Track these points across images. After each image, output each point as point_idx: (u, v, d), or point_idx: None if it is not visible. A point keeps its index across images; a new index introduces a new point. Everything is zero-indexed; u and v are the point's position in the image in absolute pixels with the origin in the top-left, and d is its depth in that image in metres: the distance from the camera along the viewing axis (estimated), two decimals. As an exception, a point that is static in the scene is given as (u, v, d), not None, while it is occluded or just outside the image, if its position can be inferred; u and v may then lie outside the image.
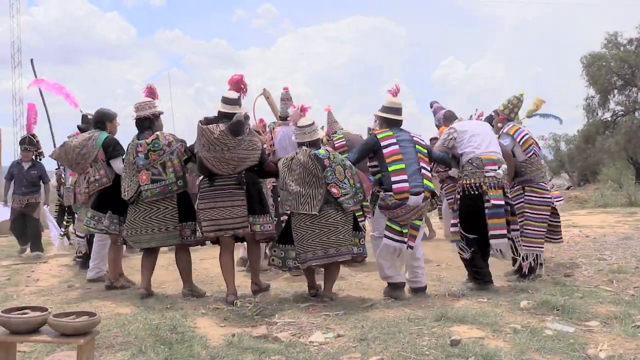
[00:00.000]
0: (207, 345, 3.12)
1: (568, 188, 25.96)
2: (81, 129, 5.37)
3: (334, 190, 4.06)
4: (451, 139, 4.57)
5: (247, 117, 5.23)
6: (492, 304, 3.91)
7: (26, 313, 2.49)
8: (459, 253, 4.51)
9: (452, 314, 3.52)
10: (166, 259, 5.78)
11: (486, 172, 4.34)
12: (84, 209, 4.84)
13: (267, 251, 5.13)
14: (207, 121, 4.23)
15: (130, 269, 5.71)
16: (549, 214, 4.84)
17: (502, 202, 4.36)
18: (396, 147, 4.22)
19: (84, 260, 5.76)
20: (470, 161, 4.42)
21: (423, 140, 4.47)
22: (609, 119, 26.16)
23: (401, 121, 4.45)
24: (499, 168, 4.35)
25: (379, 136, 4.30)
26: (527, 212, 4.74)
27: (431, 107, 5.65)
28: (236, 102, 4.34)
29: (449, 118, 5.24)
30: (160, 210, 4.31)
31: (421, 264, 4.38)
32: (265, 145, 5.07)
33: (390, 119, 4.41)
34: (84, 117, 5.40)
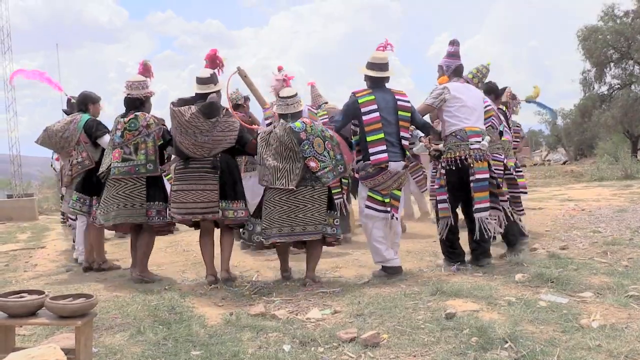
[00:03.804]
0: (205, 324, 3.15)
1: (564, 162, 26.03)
2: (67, 113, 5.36)
3: (312, 164, 3.90)
4: (442, 99, 4.30)
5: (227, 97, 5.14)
6: (487, 278, 3.95)
7: (23, 297, 2.50)
8: (439, 232, 4.36)
9: (447, 289, 3.55)
10: (164, 241, 5.81)
11: (471, 144, 4.19)
12: (69, 191, 4.87)
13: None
14: (180, 102, 4.10)
15: (124, 251, 5.73)
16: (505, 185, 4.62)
17: (487, 175, 4.24)
18: (376, 114, 4.07)
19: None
20: (454, 134, 4.24)
21: (408, 102, 4.24)
22: (606, 92, 26.08)
23: (386, 78, 4.27)
24: (482, 139, 4.22)
25: (360, 100, 4.11)
26: None
27: (452, 44, 4.59)
28: (210, 81, 4.16)
29: (457, 72, 4.52)
30: (127, 187, 4.23)
31: (398, 241, 4.35)
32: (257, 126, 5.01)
33: (374, 77, 4.21)
34: (69, 101, 5.38)
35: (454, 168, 4.22)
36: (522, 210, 4.77)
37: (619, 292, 3.37)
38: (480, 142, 4.20)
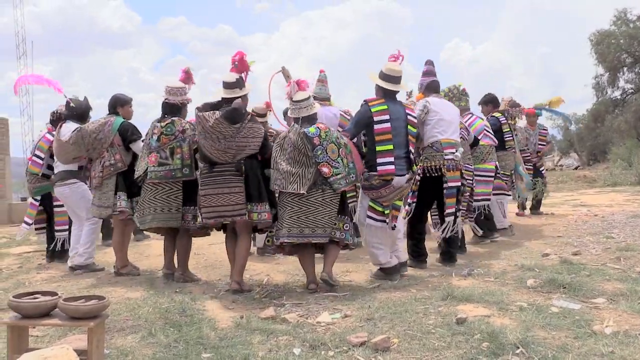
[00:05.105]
0: (215, 327, 3.16)
1: (576, 168, 25.81)
2: (65, 116, 5.34)
3: (324, 169, 3.88)
4: (426, 112, 4.59)
5: (268, 105, 5.17)
6: (499, 283, 3.93)
7: (37, 298, 2.53)
8: (409, 230, 4.68)
9: (458, 293, 3.54)
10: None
11: (445, 155, 4.51)
12: (98, 193, 4.85)
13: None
14: (206, 107, 4.11)
15: (140, 255, 5.78)
16: (468, 193, 5.04)
17: (459, 184, 4.63)
18: (387, 125, 4.12)
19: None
20: (431, 144, 4.57)
21: (416, 119, 4.38)
22: (619, 97, 25.81)
23: (397, 91, 4.33)
24: (456, 151, 4.55)
25: (373, 109, 4.15)
26: None
27: (426, 64, 5.03)
28: (236, 85, 4.16)
29: (430, 89, 4.88)
30: (164, 191, 4.31)
31: (402, 237, 4.48)
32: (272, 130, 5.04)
33: (386, 90, 4.25)
34: (67, 104, 5.36)
35: (428, 175, 4.55)
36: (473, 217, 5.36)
37: (632, 299, 3.34)
38: (454, 153, 4.53)
